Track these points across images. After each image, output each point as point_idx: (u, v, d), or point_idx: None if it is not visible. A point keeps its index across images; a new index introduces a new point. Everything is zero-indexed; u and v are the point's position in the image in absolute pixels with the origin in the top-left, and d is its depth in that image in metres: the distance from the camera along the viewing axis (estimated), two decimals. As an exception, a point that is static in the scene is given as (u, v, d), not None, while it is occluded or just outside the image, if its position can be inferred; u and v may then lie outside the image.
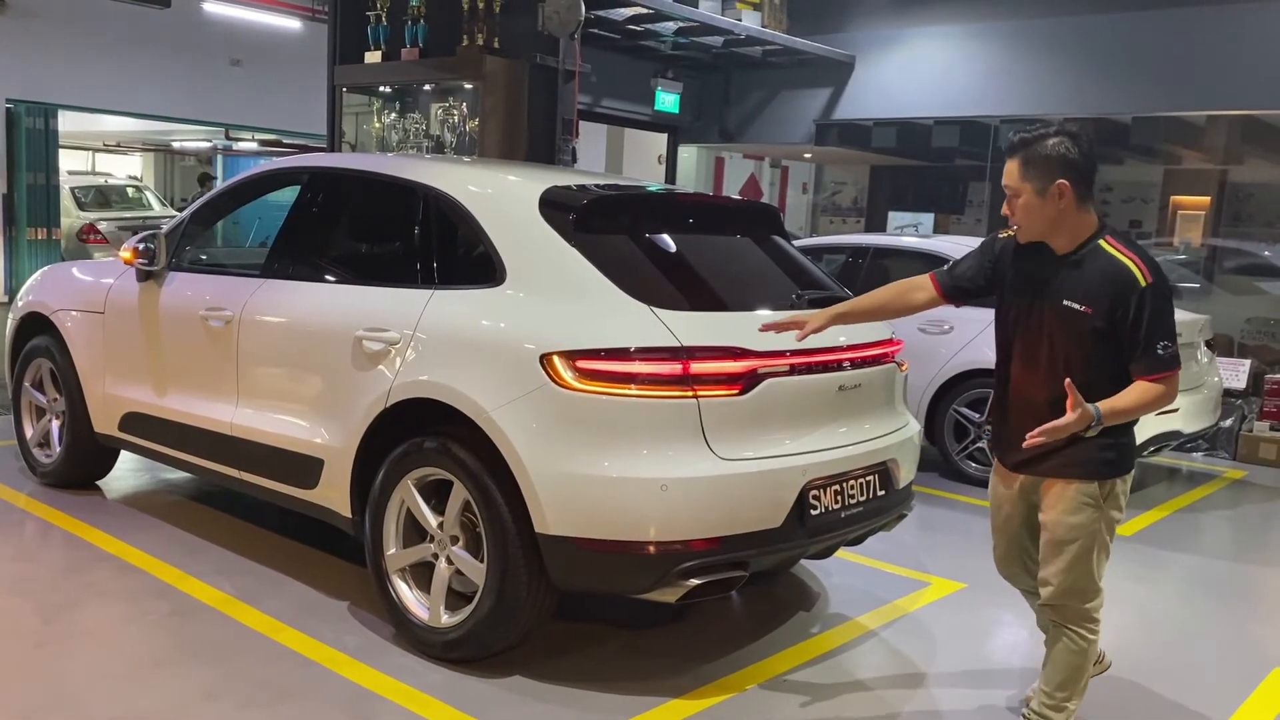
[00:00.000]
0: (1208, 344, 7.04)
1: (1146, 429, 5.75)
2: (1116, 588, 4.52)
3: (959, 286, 3.27)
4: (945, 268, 3.34)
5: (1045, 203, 2.92)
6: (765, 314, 3.81)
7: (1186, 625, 4.52)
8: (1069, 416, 2.85)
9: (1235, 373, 8.09)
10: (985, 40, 9.49)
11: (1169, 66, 8.55)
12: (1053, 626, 3.17)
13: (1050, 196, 2.91)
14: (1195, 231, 10.92)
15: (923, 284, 3.32)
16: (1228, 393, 7.77)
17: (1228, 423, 7.84)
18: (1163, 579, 5.13)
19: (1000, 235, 3.22)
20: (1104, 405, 2.87)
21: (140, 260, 4.83)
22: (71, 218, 15.46)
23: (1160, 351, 2.87)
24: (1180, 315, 4.04)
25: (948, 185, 12.16)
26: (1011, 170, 2.96)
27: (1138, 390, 2.91)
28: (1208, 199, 10.91)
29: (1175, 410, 6.10)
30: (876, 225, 12.42)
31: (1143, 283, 2.87)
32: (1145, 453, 6.21)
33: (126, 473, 5.83)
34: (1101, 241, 2.96)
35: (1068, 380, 2.87)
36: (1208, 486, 7.03)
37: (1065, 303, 2.95)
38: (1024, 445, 2.95)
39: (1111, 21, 8.79)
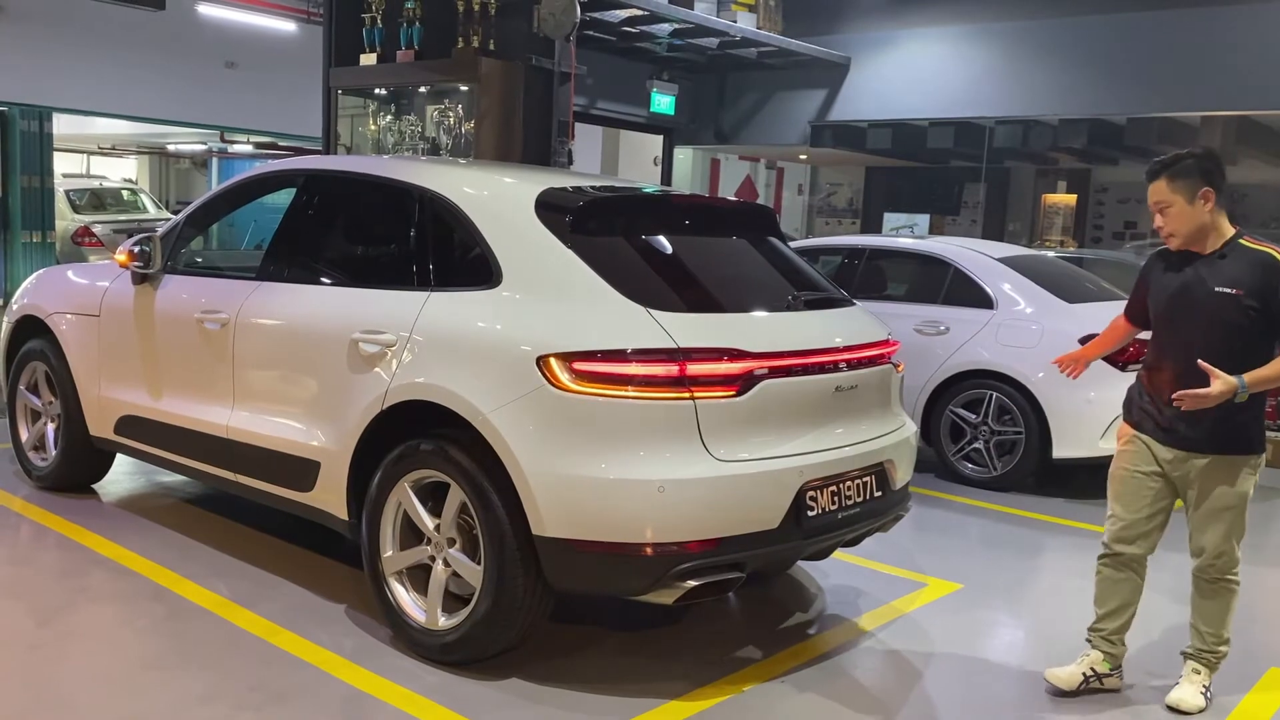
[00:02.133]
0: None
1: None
2: (1113, 588, 4.52)
3: (1136, 312, 3.77)
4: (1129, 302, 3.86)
5: (1195, 209, 3.42)
6: (761, 315, 3.82)
7: (1183, 625, 4.52)
8: (1214, 386, 3.28)
9: (1230, 373, 8.09)
10: (980, 41, 9.51)
11: (1163, 67, 8.57)
12: (1209, 583, 3.62)
13: (1198, 202, 3.41)
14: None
15: (1121, 321, 3.88)
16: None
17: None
18: (1159, 579, 5.10)
19: (1146, 260, 3.73)
20: (1248, 376, 3.29)
21: (135, 263, 4.82)
22: (66, 221, 15.43)
23: None
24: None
25: (943, 186, 12.19)
26: (1160, 188, 3.45)
27: None
28: (1202, 199, 10.92)
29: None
30: (872, 226, 12.45)
31: None
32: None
33: (122, 476, 5.82)
34: (1242, 240, 3.45)
35: (1199, 361, 3.31)
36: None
37: (1217, 289, 3.40)
38: (1173, 401, 3.38)
39: (1106, 23, 8.82)
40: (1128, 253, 11.27)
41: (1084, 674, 3.69)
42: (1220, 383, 3.27)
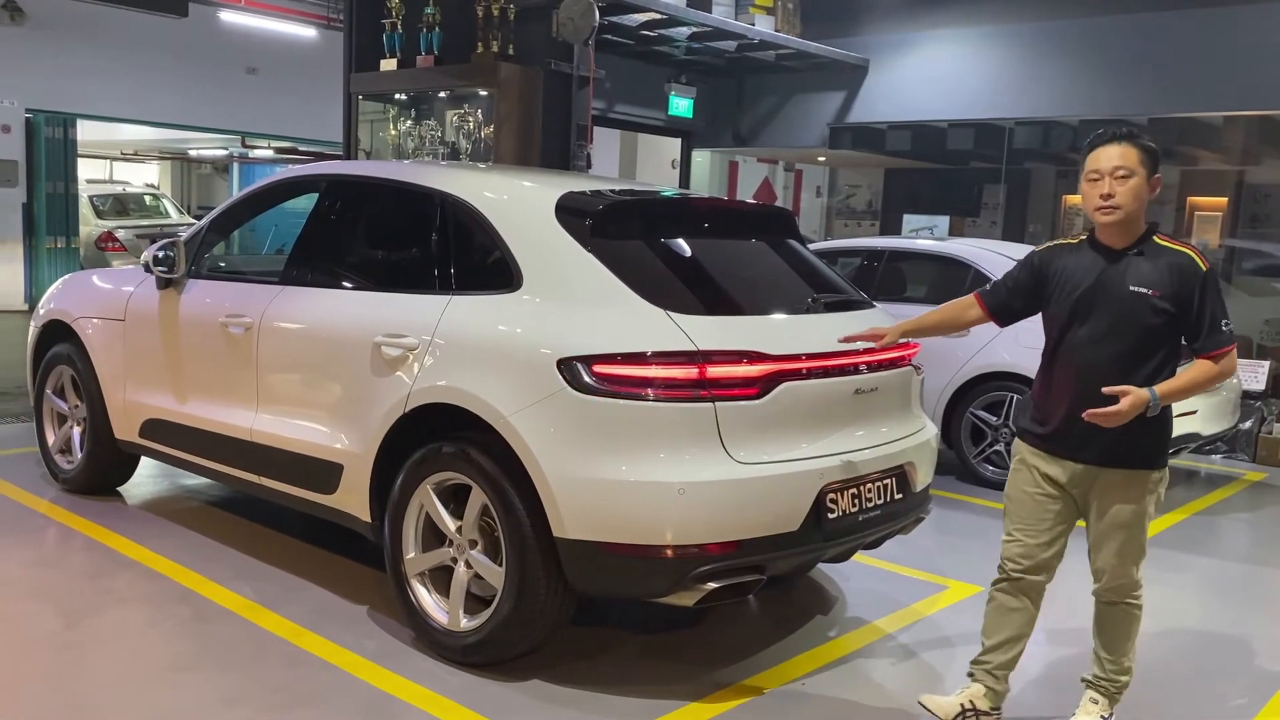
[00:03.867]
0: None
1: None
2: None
3: (1004, 305, 3.44)
4: (988, 287, 3.51)
5: (1148, 190, 3.19)
6: (781, 317, 3.82)
7: (1205, 629, 4.49)
8: (1124, 402, 3.03)
9: (1254, 374, 8.04)
10: (999, 42, 9.47)
11: (1185, 67, 8.51)
12: (1108, 605, 3.35)
13: (1152, 185, 3.20)
14: (1213, 233, 10.86)
15: (970, 303, 3.50)
16: (1247, 394, 7.72)
17: (1247, 425, 7.80)
18: (1181, 582, 5.10)
19: (1038, 250, 3.40)
20: (1160, 388, 3.08)
21: (160, 268, 4.87)
22: (90, 226, 15.59)
23: (1224, 328, 3.15)
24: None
25: (962, 188, 12.12)
26: (1129, 154, 3.18)
27: (1196, 368, 3.15)
28: (1225, 200, 10.84)
29: (1194, 412, 6.07)
30: (891, 228, 12.40)
31: (1203, 269, 3.15)
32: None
33: (147, 479, 5.88)
34: (1155, 237, 3.22)
35: (1103, 387, 3.06)
36: (1227, 489, 6.99)
37: (1132, 288, 3.15)
38: (1084, 417, 3.08)
39: (1126, 22, 8.76)
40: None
41: (962, 705, 3.39)
42: (1132, 398, 3.01)
